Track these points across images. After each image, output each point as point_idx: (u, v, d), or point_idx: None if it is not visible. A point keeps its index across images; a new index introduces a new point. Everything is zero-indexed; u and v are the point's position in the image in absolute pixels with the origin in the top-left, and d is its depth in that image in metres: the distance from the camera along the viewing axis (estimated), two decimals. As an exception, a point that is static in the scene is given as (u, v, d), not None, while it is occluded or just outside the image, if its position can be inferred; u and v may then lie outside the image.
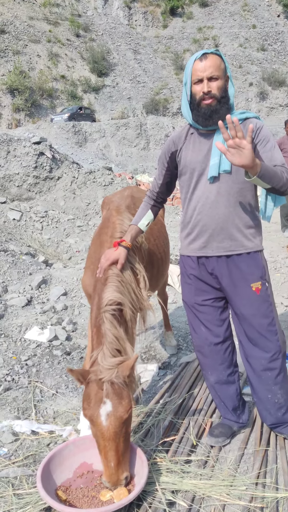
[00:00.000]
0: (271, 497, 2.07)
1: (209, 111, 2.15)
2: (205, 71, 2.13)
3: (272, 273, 5.97)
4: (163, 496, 2.07)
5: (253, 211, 2.31)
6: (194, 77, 2.18)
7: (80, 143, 25.25)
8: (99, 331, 2.15)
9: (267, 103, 40.25)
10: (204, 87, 2.14)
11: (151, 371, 3.51)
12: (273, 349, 2.34)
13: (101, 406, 1.96)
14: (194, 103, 2.20)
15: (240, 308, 2.35)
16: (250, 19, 48.13)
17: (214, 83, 2.15)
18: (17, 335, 4.02)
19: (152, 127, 28.87)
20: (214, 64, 2.14)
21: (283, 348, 2.40)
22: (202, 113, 2.17)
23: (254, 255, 2.32)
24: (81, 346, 3.96)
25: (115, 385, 1.98)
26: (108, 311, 2.17)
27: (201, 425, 2.68)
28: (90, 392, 2.00)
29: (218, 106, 2.15)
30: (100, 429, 1.96)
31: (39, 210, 9.44)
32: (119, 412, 1.96)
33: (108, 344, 2.09)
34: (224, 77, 2.20)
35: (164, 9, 49.51)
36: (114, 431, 1.95)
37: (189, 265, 2.43)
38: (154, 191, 2.51)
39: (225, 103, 2.18)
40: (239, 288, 2.32)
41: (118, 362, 2.04)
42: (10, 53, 35.09)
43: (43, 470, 2.10)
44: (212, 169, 2.20)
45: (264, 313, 2.33)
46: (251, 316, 2.33)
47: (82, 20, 43.62)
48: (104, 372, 2.00)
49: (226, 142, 1.92)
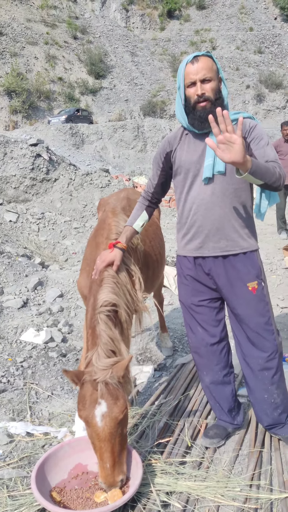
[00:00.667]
0: (265, 498, 2.07)
1: (205, 114, 2.15)
2: (198, 73, 2.14)
3: (268, 275, 5.98)
4: (158, 498, 2.07)
5: (248, 211, 2.32)
6: (187, 80, 2.18)
7: (77, 145, 25.25)
8: (94, 332, 2.16)
9: (264, 106, 40.35)
10: (198, 89, 2.15)
11: (146, 372, 3.51)
12: (270, 348, 2.35)
13: (96, 407, 1.96)
14: (189, 107, 2.20)
15: (236, 307, 2.36)
16: (247, 22, 48.29)
17: (207, 85, 2.16)
18: (13, 336, 4.01)
19: (149, 129, 28.91)
20: (206, 66, 2.15)
21: (279, 348, 2.41)
22: (198, 116, 2.18)
23: (250, 255, 2.33)
24: (77, 348, 3.96)
25: (110, 385, 1.98)
26: (103, 312, 2.17)
27: (196, 426, 2.68)
28: (85, 393, 2.00)
29: (213, 108, 2.16)
30: (95, 430, 1.95)
31: (36, 212, 9.44)
32: (114, 412, 1.96)
33: (103, 345, 2.09)
34: (217, 79, 2.21)
35: (162, 12, 49.61)
36: (110, 432, 1.95)
37: (186, 265, 2.44)
38: (149, 191, 2.52)
39: (220, 105, 2.19)
40: (236, 288, 2.33)
41: (113, 362, 2.04)
42: (8, 55, 35.10)
43: (38, 471, 2.09)
44: (206, 170, 2.21)
45: (261, 312, 2.34)
46: (248, 315, 2.33)
47: (80, 23, 43.67)
48: (99, 372, 2.00)
49: (216, 138, 1.88)
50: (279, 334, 2.46)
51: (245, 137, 2.21)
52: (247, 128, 2.22)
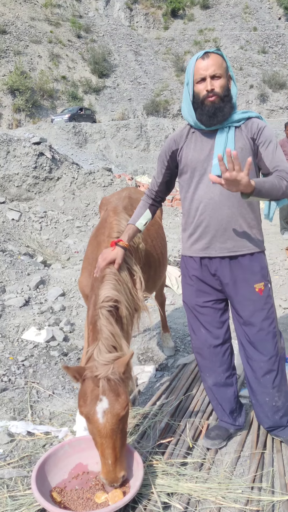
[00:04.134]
0: (267, 501, 2.05)
1: (213, 109, 2.13)
2: (208, 69, 2.12)
3: (271, 275, 5.96)
4: (159, 499, 2.06)
5: (256, 211, 2.30)
6: (196, 76, 2.16)
7: (80, 144, 25.24)
8: (95, 328, 2.14)
9: (268, 106, 40.28)
10: (208, 85, 2.13)
11: (148, 372, 3.49)
12: (272, 351, 2.33)
13: (98, 403, 1.94)
14: (198, 102, 2.18)
15: (242, 309, 2.34)
16: (251, 22, 48.21)
17: (217, 81, 2.14)
18: (14, 335, 4.00)
19: (153, 128, 28.87)
20: (216, 62, 2.13)
21: (281, 351, 2.39)
22: (206, 111, 2.15)
23: (257, 256, 2.31)
24: (79, 347, 3.95)
25: (111, 381, 1.97)
26: (105, 307, 2.16)
27: (198, 427, 2.67)
28: (86, 389, 1.98)
29: (222, 104, 2.14)
30: (96, 426, 1.94)
31: (38, 211, 9.44)
32: (116, 409, 1.94)
33: (104, 340, 2.08)
34: (227, 76, 2.19)
35: (165, 11, 49.59)
36: (111, 428, 1.93)
37: (192, 266, 2.41)
38: (153, 190, 2.49)
39: (228, 102, 2.17)
40: (242, 289, 2.31)
41: (114, 357, 2.03)
42: (11, 53, 35.13)
43: (38, 471, 2.08)
44: (215, 168, 2.17)
45: (266, 314, 2.32)
46: (253, 317, 2.31)
47: (83, 21, 43.67)
48: (100, 368, 1.98)
49: (222, 174, 1.86)
50: (282, 336, 2.44)
51: (253, 138, 2.19)
52: (256, 129, 2.19)
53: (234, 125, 2.20)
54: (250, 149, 2.20)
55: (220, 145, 2.17)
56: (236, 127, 2.21)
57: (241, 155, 2.16)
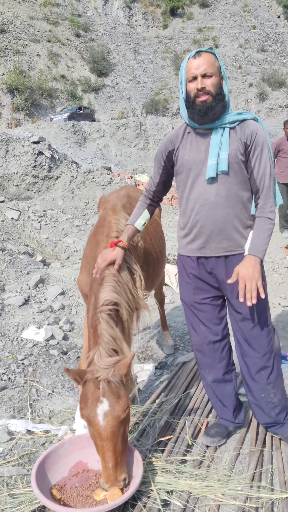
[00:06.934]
0: (266, 498, 2.06)
1: (205, 108, 2.14)
2: (199, 68, 2.13)
3: (270, 273, 5.97)
4: (158, 496, 2.06)
5: (249, 211, 2.30)
6: (188, 75, 2.17)
7: (79, 142, 25.23)
8: (96, 331, 2.14)
9: (267, 104, 40.24)
10: (198, 83, 2.14)
11: (147, 370, 3.50)
12: (266, 347, 2.35)
13: (98, 406, 1.94)
14: (190, 101, 2.19)
15: (238, 306, 2.35)
16: (250, 20, 48.13)
17: (208, 80, 2.14)
18: (14, 334, 4.01)
19: (152, 127, 28.87)
20: (208, 61, 2.14)
21: (275, 347, 2.40)
22: (198, 110, 2.16)
23: None
24: (78, 345, 3.95)
25: (112, 384, 1.97)
26: (105, 311, 2.16)
27: (197, 425, 2.67)
28: (87, 392, 1.99)
29: (214, 103, 2.15)
30: (97, 429, 1.94)
31: (38, 210, 9.44)
32: (117, 411, 1.94)
33: (105, 344, 2.08)
34: (219, 75, 2.19)
35: (164, 10, 49.46)
36: (112, 430, 1.93)
37: (189, 264, 2.42)
38: (151, 190, 2.50)
39: (221, 100, 2.17)
40: (237, 287, 2.32)
41: (115, 361, 2.03)
42: (10, 52, 35.04)
43: (38, 468, 2.09)
44: (210, 169, 2.18)
45: (261, 311, 2.33)
46: (248, 314, 2.33)
47: (82, 20, 43.57)
48: (101, 371, 1.99)
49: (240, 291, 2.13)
50: (277, 333, 2.45)
51: (246, 144, 2.19)
52: (249, 134, 2.19)
53: (229, 126, 2.20)
54: (243, 151, 2.21)
55: (215, 146, 2.18)
56: (231, 128, 2.21)
57: (235, 156, 2.18)
